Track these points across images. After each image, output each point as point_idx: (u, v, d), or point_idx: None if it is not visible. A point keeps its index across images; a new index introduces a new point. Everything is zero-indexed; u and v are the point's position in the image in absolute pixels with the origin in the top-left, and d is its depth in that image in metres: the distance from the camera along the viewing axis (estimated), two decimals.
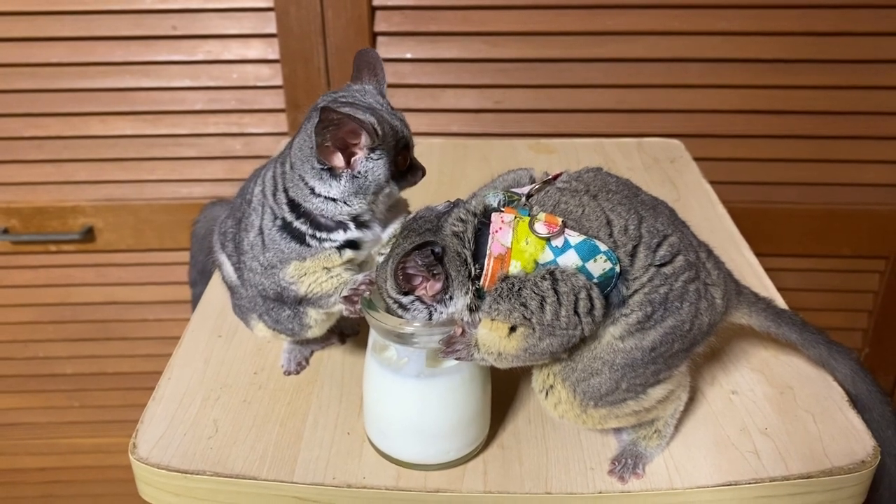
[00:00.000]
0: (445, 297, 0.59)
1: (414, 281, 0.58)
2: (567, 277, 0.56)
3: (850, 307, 1.52)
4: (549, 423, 0.69)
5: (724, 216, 0.99)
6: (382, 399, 0.63)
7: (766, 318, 0.68)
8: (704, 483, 0.62)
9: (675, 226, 0.62)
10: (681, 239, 0.61)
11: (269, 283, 0.67)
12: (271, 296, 0.68)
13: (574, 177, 0.63)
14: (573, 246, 0.57)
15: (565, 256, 0.57)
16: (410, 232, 0.60)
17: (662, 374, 0.61)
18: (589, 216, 0.59)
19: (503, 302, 0.57)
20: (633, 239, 0.58)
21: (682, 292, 0.59)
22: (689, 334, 0.60)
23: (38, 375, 1.62)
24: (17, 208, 1.44)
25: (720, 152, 1.37)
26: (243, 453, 0.65)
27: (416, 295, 0.59)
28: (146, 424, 0.68)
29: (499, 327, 0.58)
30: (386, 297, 0.61)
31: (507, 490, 0.62)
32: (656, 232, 0.59)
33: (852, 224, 1.43)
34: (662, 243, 0.59)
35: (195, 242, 0.96)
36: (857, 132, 1.36)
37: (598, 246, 0.57)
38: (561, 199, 0.60)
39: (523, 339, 0.58)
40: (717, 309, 0.63)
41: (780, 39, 1.29)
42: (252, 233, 0.67)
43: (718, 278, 0.63)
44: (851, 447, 0.65)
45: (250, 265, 0.67)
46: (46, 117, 1.38)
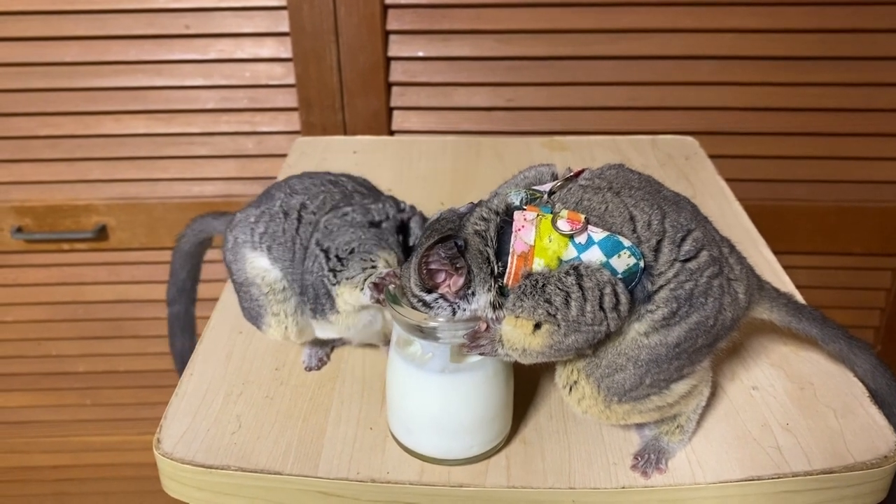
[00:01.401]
0: (468, 293, 0.59)
1: (437, 277, 0.59)
2: (592, 273, 0.57)
3: (861, 305, 1.52)
4: (571, 418, 0.69)
5: (741, 213, 0.99)
6: (406, 394, 0.64)
7: (788, 313, 0.68)
8: (728, 478, 0.62)
9: (698, 221, 0.62)
10: (704, 234, 0.61)
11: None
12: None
13: (596, 174, 0.63)
14: (597, 242, 0.57)
15: (589, 253, 0.57)
16: (433, 232, 0.61)
17: (686, 370, 0.61)
18: (612, 212, 0.59)
19: (527, 299, 0.57)
20: (656, 234, 0.59)
21: (706, 288, 0.59)
22: (713, 330, 0.60)
23: (50, 373, 1.63)
24: (30, 207, 1.45)
25: (731, 149, 1.37)
26: (267, 448, 0.65)
27: (439, 292, 0.59)
28: (169, 420, 0.69)
29: (523, 324, 0.58)
30: (410, 296, 0.61)
31: (530, 485, 0.62)
32: (680, 227, 0.60)
33: (864, 221, 1.43)
34: (686, 238, 0.59)
35: (178, 258, 0.93)
36: (869, 129, 1.36)
37: (622, 241, 0.57)
38: (584, 196, 0.60)
39: (548, 336, 0.58)
40: (741, 304, 0.63)
41: (793, 37, 1.29)
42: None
43: (741, 273, 0.64)
44: (873, 442, 0.65)
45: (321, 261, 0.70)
46: (60, 116, 1.39)
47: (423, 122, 1.39)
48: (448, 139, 1.25)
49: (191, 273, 0.93)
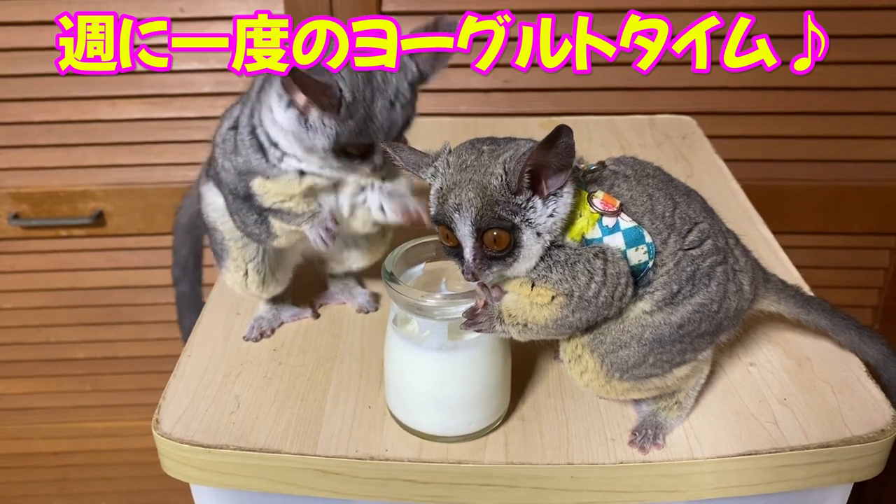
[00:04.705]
0: (563, 191, 0.56)
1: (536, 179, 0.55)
2: (616, 261, 0.57)
3: (860, 284, 1.52)
4: (569, 395, 0.69)
5: (738, 191, 0.99)
6: (404, 372, 0.64)
7: (796, 305, 0.69)
8: (725, 453, 0.63)
9: (706, 213, 0.63)
10: (711, 226, 0.62)
11: (241, 184, 0.69)
12: (241, 195, 0.69)
13: (616, 161, 0.63)
14: (622, 230, 0.58)
15: (612, 238, 0.58)
16: (496, 146, 0.58)
17: (688, 355, 0.62)
18: (635, 201, 0.59)
19: (554, 271, 0.57)
20: (668, 227, 0.59)
21: (709, 272, 0.60)
22: (716, 316, 0.61)
23: (50, 360, 1.63)
24: (27, 193, 1.44)
25: (729, 130, 1.37)
26: (266, 428, 0.65)
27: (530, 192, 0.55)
28: (168, 401, 0.69)
29: (540, 293, 0.58)
30: (486, 201, 0.54)
31: (528, 461, 0.62)
32: (688, 219, 0.60)
33: (863, 201, 1.43)
34: (693, 230, 0.60)
35: (179, 234, 0.91)
36: (867, 108, 1.35)
37: (645, 236, 0.58)
38: (615, 182, 0.60)
39: (558, 310, 0.58)
40: (745, 295, 0.63)
41: (789, 14, 1.28)
42: (227, 123, 0.69)
43: (746, 265, 0.64)
44: (870, 416, 0.65)
45: (222, 164, 0.69)
46: (55, 102, 1.38)
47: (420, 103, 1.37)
48: (445, 121, 1.25)
49: (192, 249, 0.91)
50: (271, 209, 0.69)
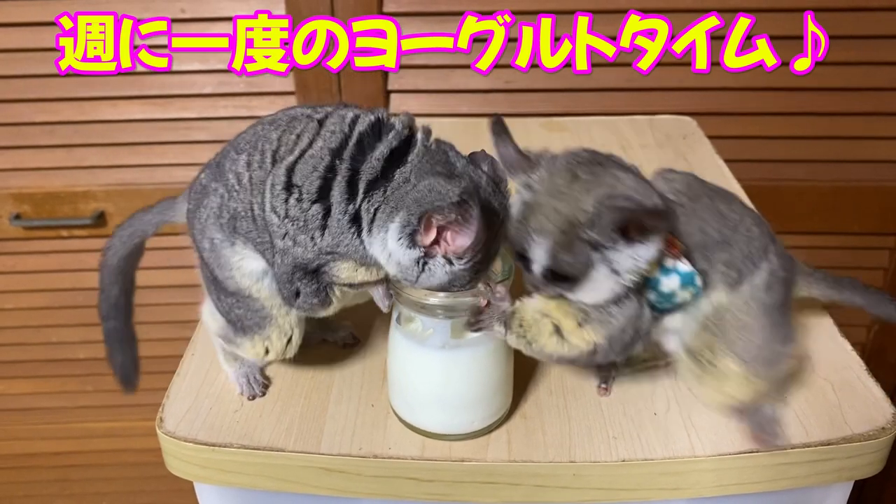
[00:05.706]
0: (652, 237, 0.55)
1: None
2: (644, 321, 0.59)
3: None
4: (571, 393, 0.69)
5: (739, 192, 0.99)
6: (407, 370, 0.64)
7: (828, 286, 0.70)
8: (726, 450, 0.63)
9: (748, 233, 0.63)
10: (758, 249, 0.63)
11: (318, 260, 0.60)
12: (311, 269, 0.61)
13: (666, 178, 0.63)
14: (680, 273, 0.58)
15: (669, 280, 0.58)
16: (602, 166, 0.57)
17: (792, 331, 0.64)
18: (691, 233, 0.59)
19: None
20: (711, 266, 0.60)
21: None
22: (788, 283, 0.63)
23: (51, 360, 1.63)
24: (28, 194, 1.44)
25: (729, 130, 1.37)
26: (269, 426, 0.66)
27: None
28: (171, 399, 0.69)
29: (568, 316, 0.59)
30: (563, 236, 0.54)
31: (531, 459, 0.63)
32: (732, 265, 0.61)
33: (862, 201, 1.43)
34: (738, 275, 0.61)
35: (107, 273, 0.80)
36: (867, 108, 1.36)
37: (697, 282, 0.59)
38: (681, 218, 0.60)
39: (575, 349, 0.60)
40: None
41: (790, 16, 1.28)
42: (292, 195, 0.59)
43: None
44: (871, 414, 0.66)
45: (296, 237, 0.59)
46: (57, 102, 1.38)
47: (420, 105, 1.38)
48: (446, 122, 1.25)
49: (124, 288, 0.81)
50: (345, 283, 0.62)
